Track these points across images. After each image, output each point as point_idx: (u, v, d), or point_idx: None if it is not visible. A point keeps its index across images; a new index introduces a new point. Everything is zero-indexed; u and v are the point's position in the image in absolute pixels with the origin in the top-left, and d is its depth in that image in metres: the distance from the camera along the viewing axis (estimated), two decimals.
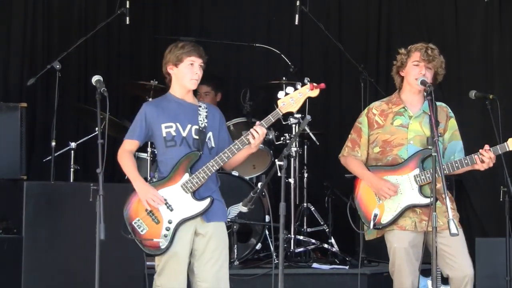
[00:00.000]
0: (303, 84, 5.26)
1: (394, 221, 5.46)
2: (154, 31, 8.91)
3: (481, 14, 8.19)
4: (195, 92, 5.52)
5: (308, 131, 7.54)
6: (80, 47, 7.95)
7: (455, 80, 7.98)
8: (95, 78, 5.25)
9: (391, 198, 5.46)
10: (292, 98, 5.24)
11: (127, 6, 7.70)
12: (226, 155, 5.23)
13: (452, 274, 5.43)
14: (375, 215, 5.50)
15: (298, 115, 7.32)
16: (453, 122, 5.62)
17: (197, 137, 5.33)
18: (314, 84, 5.24)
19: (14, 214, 6.42)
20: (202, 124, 5.36)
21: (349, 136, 5.72)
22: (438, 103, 5.56)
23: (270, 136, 7.35)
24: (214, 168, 5.25)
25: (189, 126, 5.35)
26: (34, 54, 8.24)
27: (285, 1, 8.72)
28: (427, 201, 5.33)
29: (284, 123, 7.38)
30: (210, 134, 5.39)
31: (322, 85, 5.28)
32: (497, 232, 7.53)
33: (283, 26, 9.02)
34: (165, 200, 5.27)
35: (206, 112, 5.43)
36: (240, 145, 5.24)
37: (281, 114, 5.26)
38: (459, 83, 8.03)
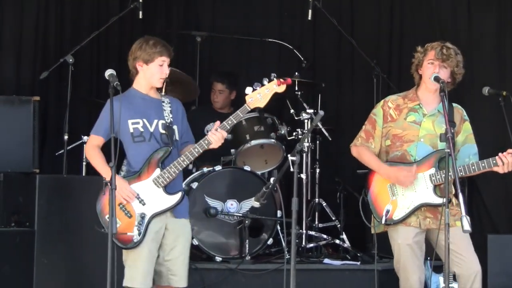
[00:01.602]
0: (270, 80, 5.39)
1: (404, 219, 5.46)
2: (166, 25, 8.89)
3: (494, 11, 8.15)
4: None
5: (321, 126, 7.53)
6: (92, 41, 7.97)
7: (468, 78, 7.92)
8: (108, 72, 5.29)
9: (404, 195, 5.47)
10: (259, 94, 5.38)
11: (140, 0, 7.70)
12: (196, 150, 5.32)
13: (460, 271, 5.43)
14: (387, 211, 5.50)
15: (311, 111, 7.32)
16: (467, 126, 5.62)
17: (164, 131, 5.40)
18: (281, 79, 5.41)
19: (27, 208, 6.45)
20: (168, 119, 5.43)
21: (363, 127, 5.71)
22: (454, 105, 5.60)
23: (283, 131, 7.35)
24: (185, 163, 5.33)
25: (155, 121, 5.42)
26: (47, 47, 8.22)
27: None
28: (440, 200, 5.33)
29: (296, 118, 7.37)
30: (175, 127, 5.47)
31: (289, 80, 5.46)
32: (509, 229, 7.53)
33: (295, 21, 8.99)
34: (137, 194, 5.31)
35: (170, 106, 5.50)
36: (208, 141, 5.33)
37: (249, 109, 5.39)
38: (472, 81, 7.99)
